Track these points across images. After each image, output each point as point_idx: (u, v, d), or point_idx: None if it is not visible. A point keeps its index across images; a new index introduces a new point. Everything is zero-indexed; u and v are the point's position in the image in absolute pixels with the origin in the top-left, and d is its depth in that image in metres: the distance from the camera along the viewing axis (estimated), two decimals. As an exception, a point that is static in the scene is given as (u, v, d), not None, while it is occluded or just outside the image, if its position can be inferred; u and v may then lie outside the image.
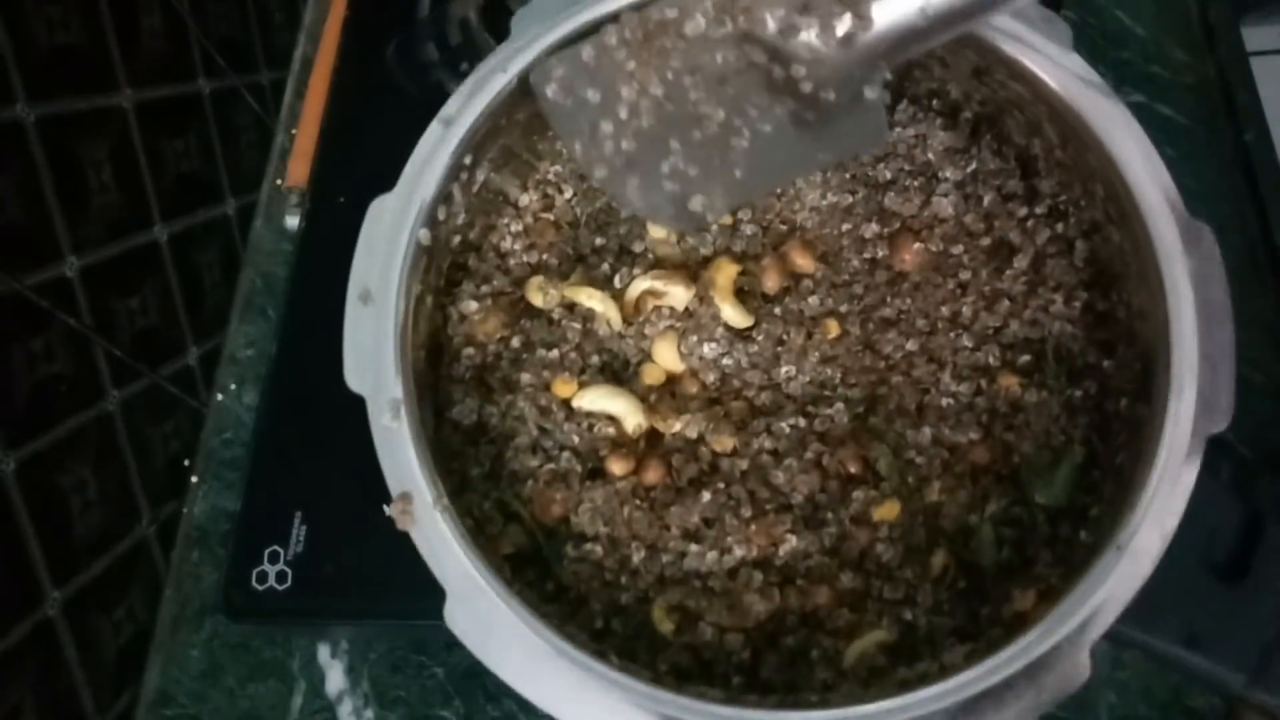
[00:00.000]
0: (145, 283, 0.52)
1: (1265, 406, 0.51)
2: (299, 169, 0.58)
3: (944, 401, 0.40)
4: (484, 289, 0.42)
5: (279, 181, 0.62)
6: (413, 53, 0.58)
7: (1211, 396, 0.31)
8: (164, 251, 0.54)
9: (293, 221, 0.58)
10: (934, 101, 0.44)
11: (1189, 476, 0.30)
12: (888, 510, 0.38)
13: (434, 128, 0.36)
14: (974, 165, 0.43)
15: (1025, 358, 0.40)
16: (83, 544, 0.47)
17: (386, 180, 0.54)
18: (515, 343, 0.42)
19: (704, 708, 0.29)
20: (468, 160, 0.38)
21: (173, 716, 0.48)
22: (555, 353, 0.41)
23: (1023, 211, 0.42)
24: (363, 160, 0.56)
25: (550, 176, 0.45)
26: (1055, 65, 0.36)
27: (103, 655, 0.48)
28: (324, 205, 0.55)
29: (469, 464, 0.39)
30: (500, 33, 0.59)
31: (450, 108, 0.37)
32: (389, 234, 0.35)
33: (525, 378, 0.41)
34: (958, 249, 0.43)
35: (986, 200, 0.43)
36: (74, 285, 0.47)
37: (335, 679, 0.48)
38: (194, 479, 0.54)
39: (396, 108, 0.57)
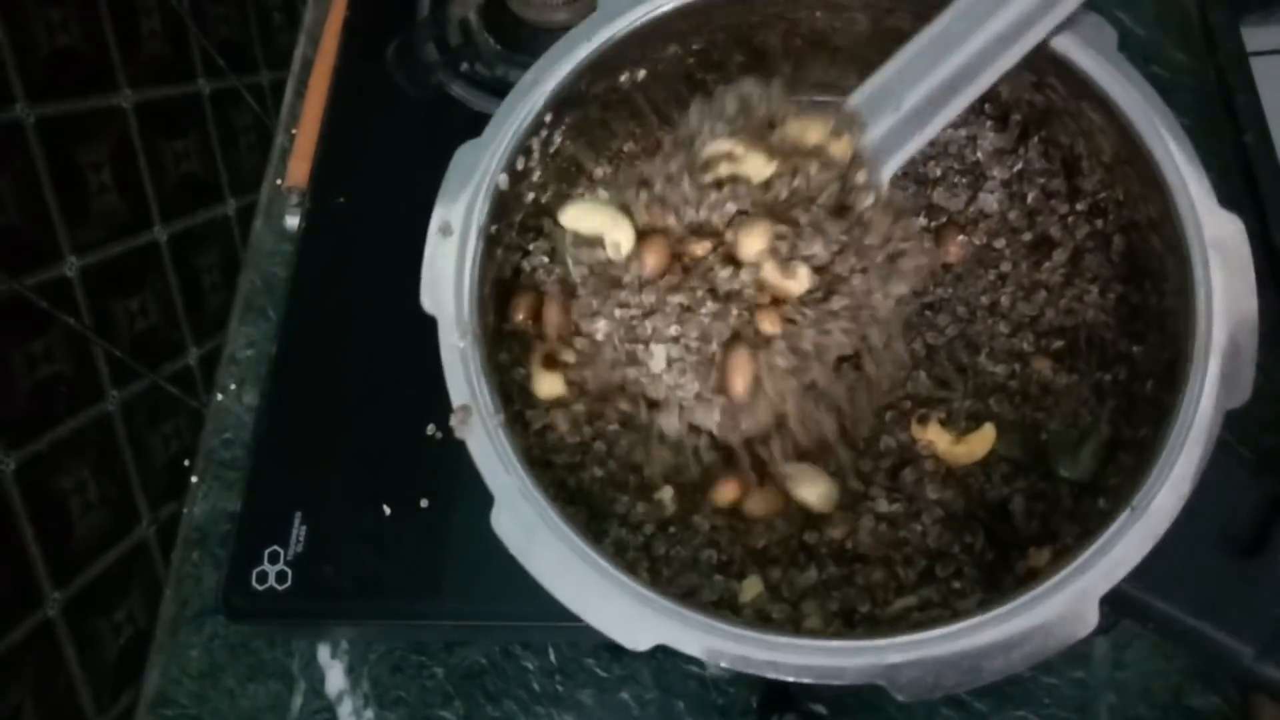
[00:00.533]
0: (145, 283, 0.52)
1: (1265, 408, 0.51)
2: (299, 169, 0.58)
3: (980, 381, 0.41)
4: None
5: (279, 181, 0.62)
6: (413, 53, 0.58)
7: (1233, 374, 0.32)
8: (164, 252, 0.54)
9: (293, 221, 0.58)
10: (985, 106, 0.45)
11: (1206, 446, 0.31)
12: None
13: (521, 85, 0.39)
14: (1020, 165, 0.44)
15: (1059, 344, 0.41)
16: (82, 545, 0.47)
17: (386, 180, 0.55)
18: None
19: (727, 628, 0.30)
20: (548, 118, 0.40)
21: (173, 717, 0.48)
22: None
23: (1064, 209, 0.43)
24: (363, 160, 0.57)
25: (625, 150, 0.46)
26: (1100, 65, 0.38)
27: (103, 656, 0.48)
28: (324, 205, 0.55)
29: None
30: (500, 33, 0.59)
31: (537, 69, 0.39)
32: (472, 175, 0.38)
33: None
34: (1000, 243, 0.44)
35: (1030, 198, 0.44)
36: (74, 286, 0.47)
37: (335, 679, 0.48)
38: (194, 479, 0.54)
39: (396, 108, 0.57)
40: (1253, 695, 0.33)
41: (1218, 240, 0.34)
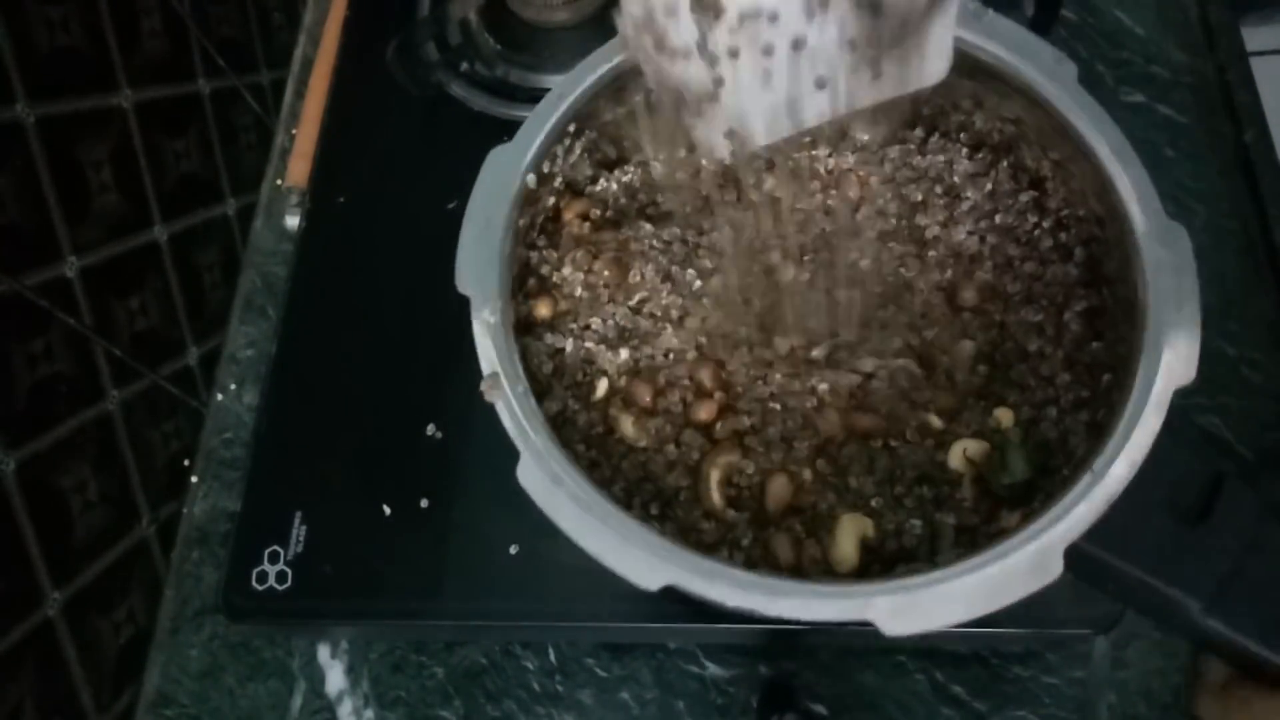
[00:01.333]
0: (145, 283, 0.52)
1: (1265, 407, 0.51)
2: (299, 169, 0.58)
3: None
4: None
5: (279, 181, 0.62)
6: (413, 53, 0.58)
7: (1179, 358, 0.36)
8: (164, 252, 0.54)
9: (293, 221, 0.58)
10: (961, 135, 0.49)
11: (1156, 420, 0.35)
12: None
13: (549, 98, 0.43)
14: (990, 186, 0.48)
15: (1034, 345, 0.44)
16: (83, 544, 0.47)
17: (386, 179, 0.55)
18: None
19: (726, 570, 0.33)
20: (571, 128, 0.44)
21: (173, 716, 0.48)
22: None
23: (1031, 222, 0.46)
24: (363, 160, 0.57)
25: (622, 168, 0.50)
26: (1062, 95, 0.42)
27: (103, 655, 0.48)
28: (324, 205, 0.55)
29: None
30: (500, 33, 0.59)
31: (562, 85, 0.43)
32: (504, 174, 0.41)
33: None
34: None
35: (999, 216, 0.47)
36: (74, 285, 0.47)
37: (335, 679, 0.48)
38: (194, 479, 0.54)
39: (396, 108, 0.57)
40: (1201, 654, 0.36)
41: (1166, 246, 0.38)
